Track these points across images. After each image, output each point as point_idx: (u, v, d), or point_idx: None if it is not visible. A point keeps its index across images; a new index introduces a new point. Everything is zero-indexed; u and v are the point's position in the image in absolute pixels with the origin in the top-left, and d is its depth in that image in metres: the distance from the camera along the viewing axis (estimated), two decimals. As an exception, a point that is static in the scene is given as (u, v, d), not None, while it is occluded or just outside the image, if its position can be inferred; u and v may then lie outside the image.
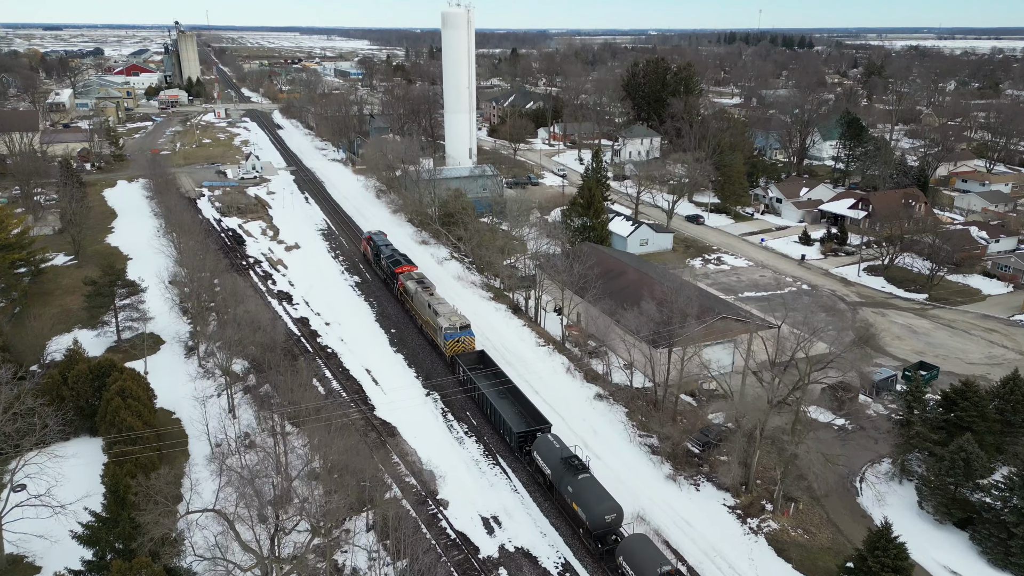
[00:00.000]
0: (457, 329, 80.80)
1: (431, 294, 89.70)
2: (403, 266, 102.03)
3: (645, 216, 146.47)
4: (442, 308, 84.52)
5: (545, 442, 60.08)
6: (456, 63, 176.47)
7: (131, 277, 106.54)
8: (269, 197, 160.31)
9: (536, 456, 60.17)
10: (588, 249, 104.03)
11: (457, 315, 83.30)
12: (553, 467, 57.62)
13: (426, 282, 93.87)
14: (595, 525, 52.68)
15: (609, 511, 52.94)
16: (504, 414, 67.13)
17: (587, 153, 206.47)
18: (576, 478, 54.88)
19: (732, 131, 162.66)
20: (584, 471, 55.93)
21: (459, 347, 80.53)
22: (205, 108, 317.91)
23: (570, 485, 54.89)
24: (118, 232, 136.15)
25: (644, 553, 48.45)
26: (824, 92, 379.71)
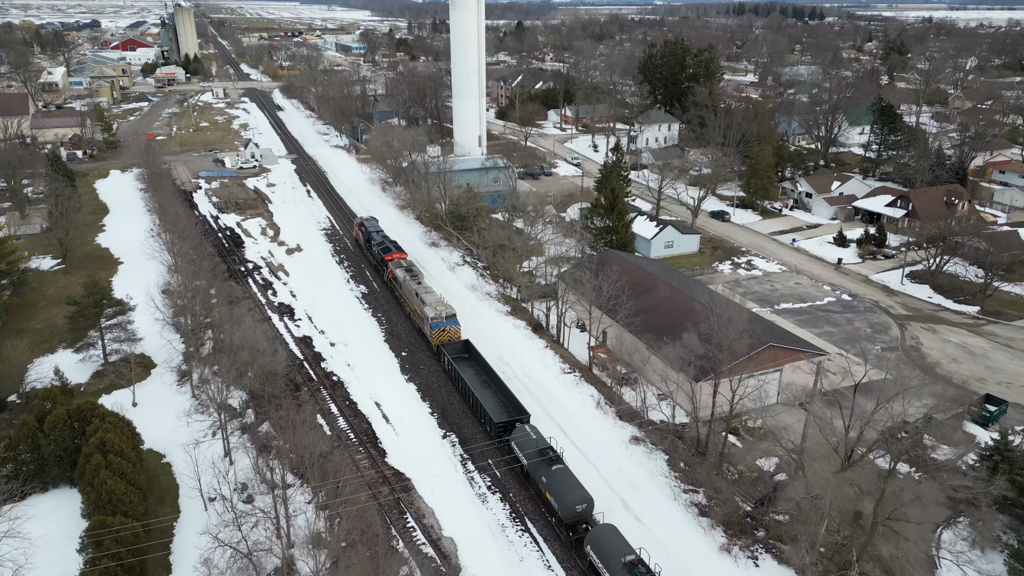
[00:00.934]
0: (443, 319, 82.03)
1: (419, 283, 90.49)
2: (393, 253, 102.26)
3: (666, 212, 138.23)
4: (429, 297, 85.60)
5: (523, 433, 62.30)
6: (465, 46, 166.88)
7: (120, 290, 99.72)
8: (269, 190, 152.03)
9: (514, 446, 62.24)
10: (612, 257, 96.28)
11: (443, 304, 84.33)
12: (529, 457, 59.83)
13: (415, 270, 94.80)
14: (566, 515, 54.90)
15: (580, 501, 54.89)
16: (485, 403, 68.69)
17: (601, 140, 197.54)
18: (550, 469, 57.24)
19: (759, 119, 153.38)
20: (558, 462, 58.25)
21: (445, 336, 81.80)
22: (203, 87, 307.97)
23: (544, 476, 57.21)
24: (109, 231, 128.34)
25: (610, 543, 50.25)
26: (841, 68, 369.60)
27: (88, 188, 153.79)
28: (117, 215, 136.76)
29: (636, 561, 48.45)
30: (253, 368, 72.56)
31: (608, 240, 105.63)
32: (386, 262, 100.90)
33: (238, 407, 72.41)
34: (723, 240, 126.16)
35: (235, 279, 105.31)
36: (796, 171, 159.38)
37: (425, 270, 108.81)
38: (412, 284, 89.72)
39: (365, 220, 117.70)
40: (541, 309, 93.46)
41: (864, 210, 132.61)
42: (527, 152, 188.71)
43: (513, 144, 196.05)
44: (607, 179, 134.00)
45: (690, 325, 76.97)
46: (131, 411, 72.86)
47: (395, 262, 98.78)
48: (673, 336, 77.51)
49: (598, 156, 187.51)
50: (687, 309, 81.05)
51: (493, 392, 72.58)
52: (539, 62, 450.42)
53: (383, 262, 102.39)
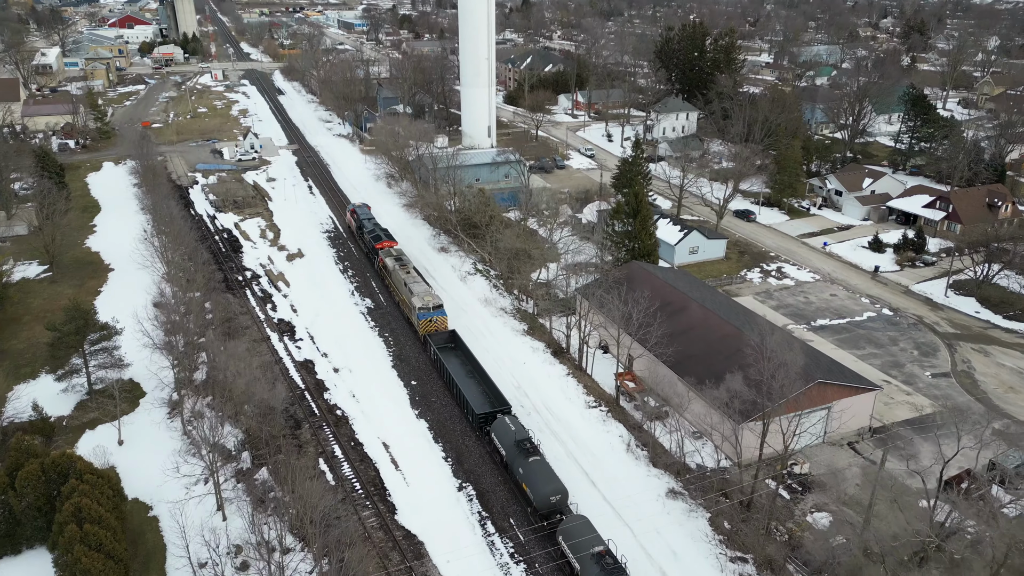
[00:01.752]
0: (430, 309, 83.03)
1: (407, 272, 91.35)
2: (383, 242, 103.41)
3: (687, 210, 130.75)
4: (417, 288, 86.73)
5: (502, 424, 63.54)
6: (474, 31, 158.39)
7: (109, 302, 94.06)
8: (269, 186, 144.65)
9: (494, 437, 63.81)
10: (638, 271, 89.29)
11: (430, 295, 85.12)
12: (508, 448, 61.32)
13: (404, 259, 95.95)
14: (541, 505, 56.42)
15: (554, 492, 56.29)
16: (469, 395, 69.80)
17: (616, 128, 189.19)
18: (527, 460, 58.56)
19: (785, 111, 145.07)
20: (535, 454, 59.51)
21: (432, 326, 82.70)
22: (201, 68, 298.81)
23: (521, 467, 58.67)
24: (100, 232, 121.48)
25: (581, 534, 51.90)
26: (858, 48, 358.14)
27: (80, 182, 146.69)
28: (109, 213, 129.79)
29: (604, 552, 50.07)
30: (250, 404, 66.06)
31: (630, 247, 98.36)
32: (377, 250, 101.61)
33: (233, 448, 66.03)
34: (750, 243, 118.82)
35: (232, 290, 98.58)
36: (822, 164, 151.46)
37: (435, 280, 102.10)
38: (401, 273, 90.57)
39: (357, 207, 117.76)
40: (561, 329, 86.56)
41: (899, 211, 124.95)
42: (538, 142, 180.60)
43: (523, 133, 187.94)
44: (626, 177, 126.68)
45: (729, 357, 70.36)
46: (116, 452, 66.72)
47: (385, 251, 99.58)
48: (708, 367, 70.89)
49: (612, 146, 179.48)
50: (722, 335, 74.21)
51: (477, 383, 73.80)
52: (546, 40, 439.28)
53: (374, 250, 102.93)
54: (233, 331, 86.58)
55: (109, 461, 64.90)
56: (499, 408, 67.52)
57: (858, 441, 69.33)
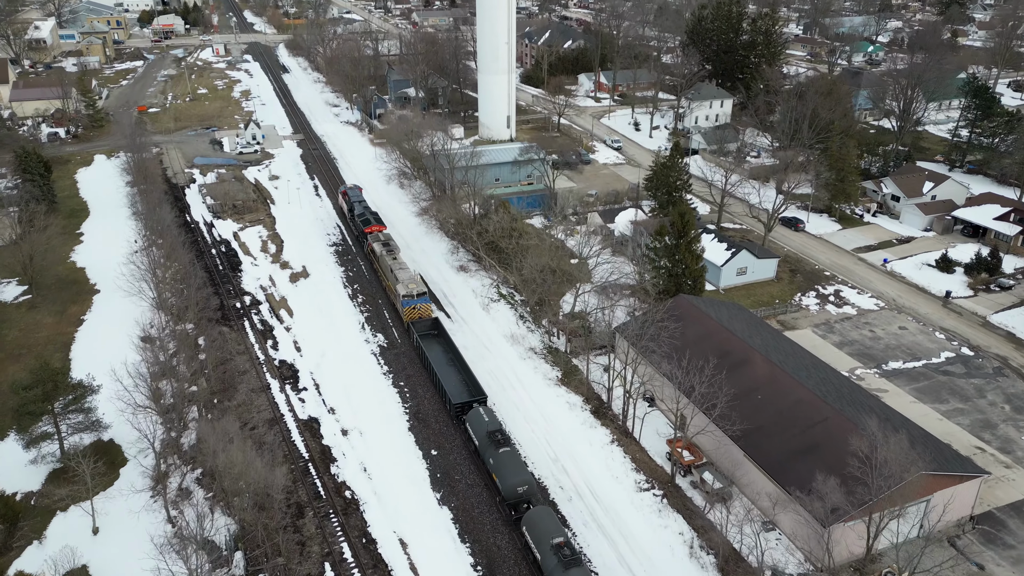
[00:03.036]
0: (414, 296, 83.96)
1: (394, 258, 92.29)
2: (372, 226, 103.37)
3: (728, 215, 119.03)
4: (402, 274, 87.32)
5: (476, 415, 65.16)
6: (493, 14, 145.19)
7: (88, 347, 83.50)
8: (272, 185, 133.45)
9: (468, 427, 65.67)
10: (685, 306, 78.38)
11: (415, 282, 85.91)
12: (480, 439, 63.03)
13: (391, 245, 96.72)
14: (508, 495, 57.76)
15: (521, 483, 57.80)
16: (447, 384, 71.79)
17: (644, 117, 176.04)
18: (497, 451, 60.18)
19: (835, 104, 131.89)
20: (505, 445, 60.89)
21: (415, 313, 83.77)
22: (202, 41, 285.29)
23: (491, 457, 60.31)
24: (88, 242, 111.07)
25: (543, 524, 53.44)
26: (890, 18, 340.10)
27: (68, 180, 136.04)
28: (98, 218, 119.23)
29: (563, 543, 51.41)
30: (244, 495, 56.12)
31: (674, 273, 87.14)
32: (366, 234, 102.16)
33: (224, 545, 56.24)
34: (800, 259, 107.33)
35: (229, 321, 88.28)
36: (872, 160, 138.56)
37: (454, 308, 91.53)
38: (388, 259, 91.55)
39: (349, 189, 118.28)
40: (600, 379, 75.90)
41: (966, 222, 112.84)
42: (560, 132, 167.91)
43: (544, 121, 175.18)
44: (662, 181, 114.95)
45: (806, 432, 59.83)
46: (89, 544, 57.22)
47: (373, 235, 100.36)
48: (782, 443, 60.44)
49: (641, 136, 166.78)
50: (796, 401, 63.54)
51: (457, 371, 75.46)
52: (562, 7, 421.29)
53: (363, 234, 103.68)
54: (229, 377, 76.51)
55: (79, 559, 55.48)
56: (475, 398, 69.32)
57: (959, 536, 58.99)
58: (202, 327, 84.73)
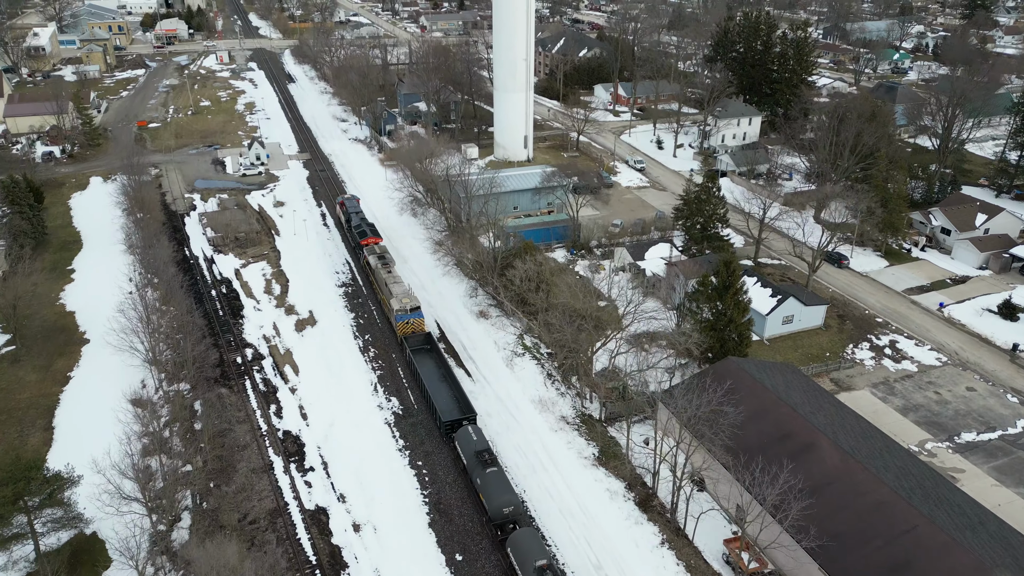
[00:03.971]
0: (408, 311, 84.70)
1: (389, 271, 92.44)
2: (368, 238, 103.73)
3: (766, 250, 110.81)
4: (396, 288, 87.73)
5: (464, 434, 65.91)
6: (511, 29, 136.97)
7: (72, 411, 75.61)
8: (277, 212, 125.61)
9: (457, 445, 66.44)
10: (735, 373, 70.19)
11: (409, 297, 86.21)
12: (468, 458, 63.61)
13: (387, 258, 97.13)
14: (494, 515, 58.22)
15: (507, 504, 58.17)
16: (438, 401, 72.50)
17: (667, 134, 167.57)
18: (484, 471, 60.60)
19: (878, 128, 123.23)
20: (492, 465, 61.37)
21: (409, 328, 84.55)
22: (206, 47, 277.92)
23: (479, 477, 60.79)
24: (79, 280, 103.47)
25: (527, 546, 54.04)
26: (911, 21, 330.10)
27: (61, 206, 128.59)
28: (91, 252, 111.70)
29: (546, 566, 51.30)
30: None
31: (718, 328, 78.96)
32: (362, 246, 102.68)
33: None
34: (848, 302, 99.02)
35: (229, 380, 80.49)
36: (914, 185, 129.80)
37: (474, 363, 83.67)
38: (382, 273, 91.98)
39: (347, 199, 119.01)
40: (643, 456, 67.85)
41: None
42: (580, 151, 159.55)
43: (561, 138, 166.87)
44: (693, 210, 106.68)
45: (892, 543, 51.63)
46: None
47: (369, 247, 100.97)
48: (864, 558, 52.28)
49: (664, 156, 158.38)
50: (876, 503, 55.32)
51: (448, 387, 75.82)
52: (573, 10, 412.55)
53: (360, 246, 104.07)
54: (227, 453, 68.69)
55: None
56: (464, 416, 69.77)
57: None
58: (199, 388, 77.05)
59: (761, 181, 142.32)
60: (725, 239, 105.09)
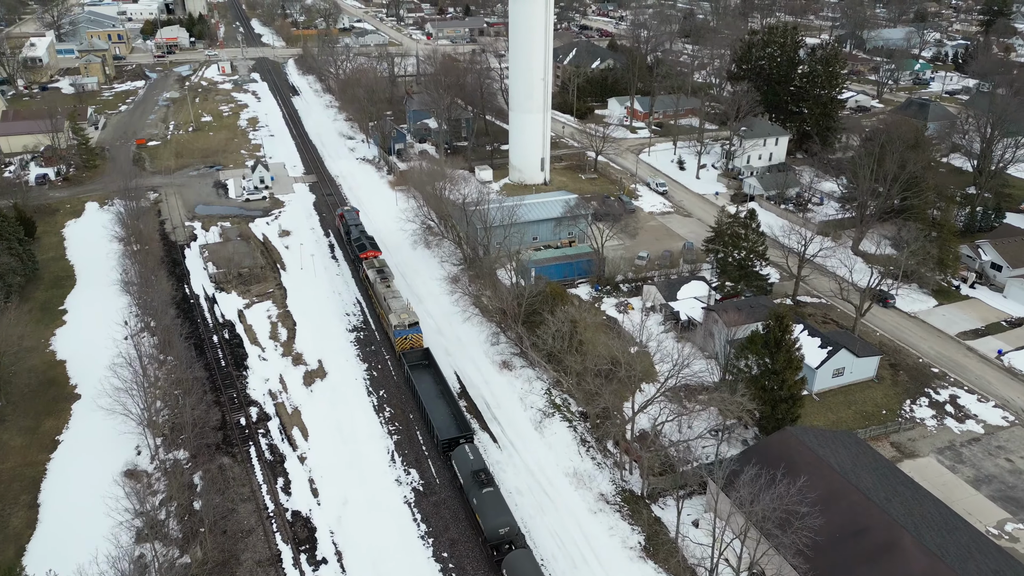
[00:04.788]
0: (406, 327, 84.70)
1: (387, 286, 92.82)
2: (368, 251, 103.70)
3: (807, 287, 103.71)
4: (395, 304, 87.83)
5: (462, 453, 66.24)
6: (528, 48, 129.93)
7: (61, 485, 68.48)
8: (282, 243, 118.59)
9: (454, 464, 66.85)
10: (796, 449, 63.23)
11: (407, 312, 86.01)
12: (464, 477, 64.15)
13: (385, 272, 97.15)
14: (490, 536, 58.77)
15: (503, 525, 58.81)
16: (435, 418, 72.65)
17: (688, 152, 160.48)
18: (481, 491, 61.24)
19: (921, 153, 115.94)
20: (489, 485, 62.01)
21: (407, 344, 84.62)
22: (208, 57, 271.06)
23: (475, 497, 61.49)
24: (71, 324, 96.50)
25: (522, 567, 54.69)
26: (927, 28, 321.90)
27: (55, 235, 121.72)
28: (85, 289, 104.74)
29: None
30: None
31: (770, 388, 71.89)
32: (361, 260, 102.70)
33: None
34: (899, 348, 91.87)
35: (232, 445, 73.47)
36: (956, 211, 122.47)
37: (499, 424, 76.80)
38: (381, 287, 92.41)
39: (346, 211, 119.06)
40: (695, 544, 60.73)
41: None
42: (598, 172, 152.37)
43: (578, 157, 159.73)
44: (725, 241, 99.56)
45: None
46: None
47: (368, 261, 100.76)
48: None
49: (686, 177, 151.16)
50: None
51: (445, 404, 76.19)
52: (581, 17, 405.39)
53: (359, 259, 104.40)
54: (231, 542, 61.64)
55: None
56: (461, 435, 70.12)
57: None
58: (199, 457, 70.18)
59: (791, 206, 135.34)
60: (765, 278, 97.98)
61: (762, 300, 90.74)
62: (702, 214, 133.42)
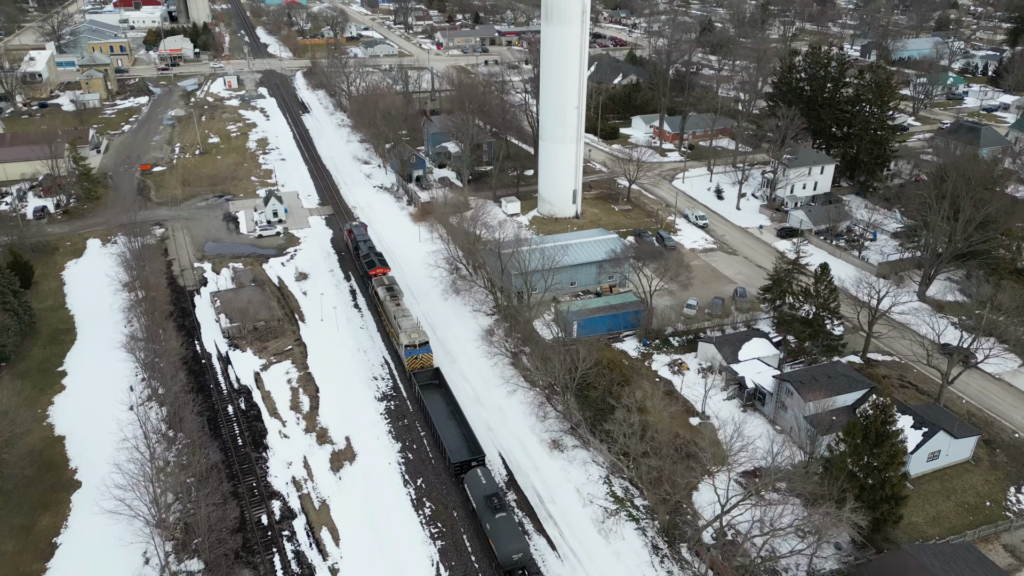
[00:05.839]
0: (416, 346, 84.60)
1: (397, 304, 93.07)
2: (377, 268, 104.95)
3: (879, 344, 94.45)
4: (405, 323, 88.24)
5: (474, 476, 67.01)
6: (561, 74, 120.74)
7: None
8: (300, 288, 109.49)
9: (466, 487, 67.34)
10: (913, 571, 53.99)
11: (418, 331, 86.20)
12: (477, 501, 64.59)
13: (395, 290, 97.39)
14: (503, 561, 59.58)
15: (516, 551, 59.49)
16: (447, 439, 73.51)
17: (723, 178, 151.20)
18: (494, 516, 61.88)
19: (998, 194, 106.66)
20: (502, 510, 62.67)
21: (418, 363, 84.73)
22: (213, 70, 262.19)
23: (488, 522, 62.02)
24: (71, 389, 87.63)
25: None
26: (950, 36, 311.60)
27: (54, 279, 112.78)
28: (87, 346, 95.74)
29: None
30: None
31: (866, 484, 62.75)
32: (371, 277, 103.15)
33: None
34: (990, 419, 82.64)
35: (252, 553, 64.37)
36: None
37: (555, 524, 67.83)
38: (391, 305, 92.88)
39: (355, 226, 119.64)
40: None
41: None
42: (631, 202, 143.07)
43: (607, 183, 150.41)
44: (780, 289, 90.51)
45: None
46: None
47: (378, 279, 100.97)
48: None
49: (725, 207, 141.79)
50: None
51: (456, 425, 76.60)
52: (593, 24, 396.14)
53: (368, 276, 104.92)
54: None
55: None
56: (473, 457, 70.74)
57: None
58: (216, 571, 61.12)
59: (842, 242, 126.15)
60: (838, 338, 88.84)
61: (841, 368, 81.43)
62: (748, 251, 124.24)
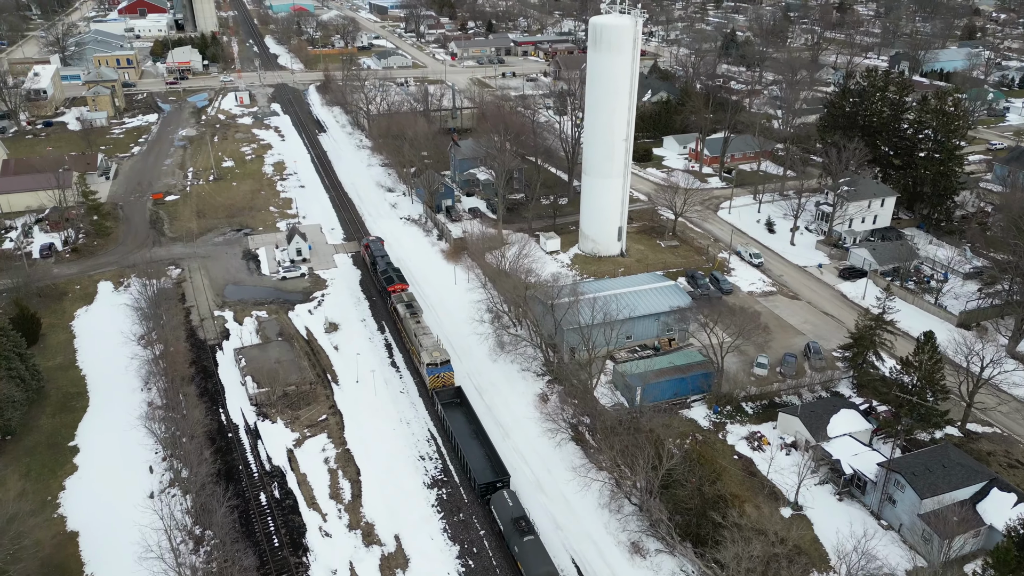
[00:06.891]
0: (438, 365, 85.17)
1: (417, 321, 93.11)
2: (395, 284, 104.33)
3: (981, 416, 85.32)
4: (426, 341, 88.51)
5: (500, 499, 68.01)
6: (609, 108, 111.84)
7: None
8: (331, 341, 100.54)
9: (492, 509, 68.43)
10: None
11: (439, 349, 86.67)
12: (504, 524, 65.57)
13: (415, 307, 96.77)
14: None
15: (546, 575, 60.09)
16: (471, 460, 74.15)
17: (772, 206, 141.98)
18: (522, 540, 62.62)
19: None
20: (530, 533, 63.57)
21: (439, 382, 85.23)
22: (223, 83, 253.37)
23: (516, 545, 62.79)
24: (83, 470, 78.81)
25: None
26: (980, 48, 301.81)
27: (63, 332, 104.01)
28: (100, 416, 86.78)
29: None
30: None
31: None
32: (389, 293, 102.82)
33: None
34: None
35: None
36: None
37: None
38: (411, 323, 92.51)
39: (371, 241, 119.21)
40: None
41: None
42: (678, 237, 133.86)
43: (648, 214, 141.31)
44: (865, 347, 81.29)
45: None
46: None
47: (397, 295, 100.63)
48: None
49: (778, 242, 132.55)
50: None
51: (480, 444, 77.31)
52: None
53: (386, 292, 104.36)
54: None
55: None
56: (500, 478, 71.29)
57: None
58: None
59: (911, 284, 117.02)
60: (944, 414, 79.62)
61: (954, 455, 72.17)
62: (810, 295, 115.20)
